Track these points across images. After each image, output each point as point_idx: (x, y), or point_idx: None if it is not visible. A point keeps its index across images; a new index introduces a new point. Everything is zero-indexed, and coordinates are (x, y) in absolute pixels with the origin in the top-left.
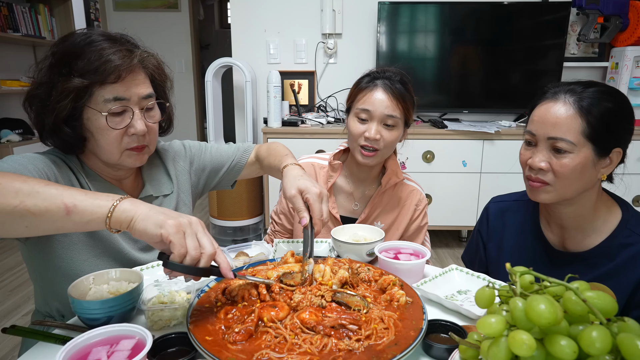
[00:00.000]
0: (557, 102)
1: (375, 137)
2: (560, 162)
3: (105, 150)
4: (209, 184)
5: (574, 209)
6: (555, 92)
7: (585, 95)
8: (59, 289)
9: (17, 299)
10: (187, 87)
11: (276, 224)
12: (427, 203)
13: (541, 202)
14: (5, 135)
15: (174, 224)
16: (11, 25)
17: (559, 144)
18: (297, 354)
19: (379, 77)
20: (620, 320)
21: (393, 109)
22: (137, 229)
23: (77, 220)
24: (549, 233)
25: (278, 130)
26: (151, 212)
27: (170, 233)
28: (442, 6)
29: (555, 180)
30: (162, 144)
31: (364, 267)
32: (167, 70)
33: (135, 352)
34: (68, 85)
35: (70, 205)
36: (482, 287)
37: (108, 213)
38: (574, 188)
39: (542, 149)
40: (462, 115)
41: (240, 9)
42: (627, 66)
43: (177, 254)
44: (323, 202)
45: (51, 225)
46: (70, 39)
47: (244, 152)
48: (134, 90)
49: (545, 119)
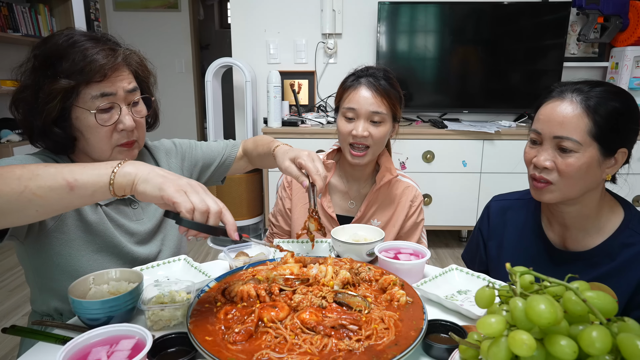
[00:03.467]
0: (563, 101)
1: (363, 135)
2: (565, 162)
3: (96, 148)
4: (201, 180)
5: (577, 208)
6: (562, 91)
7: (592, 95)
8: (58, 287)
9: (17, 299)
10: (187, 87)
11: (274, 225)
12: (422, 199)
13: (545, 202)
14: (5, 135)
15: (173, 185)
16: (11, 25)
17: (564, 143)
18: (297, 354)
19: (363, 75)
20: (620, 320)
21: (378, 105)
22: (139, 192)
23: (82, 194)
24: (550, 232)
25: (278, 130)
26: (151, 174)
27: (170, 194)
28: (442, 6)
29: (560, 179)
30: (152, 142)
31: (364, 266)
32: (150, 66)
33: (135, 352)
34: (55, 87)
35: (71, 180)
36: (482, 287)
37: (110, 180)
38: (578, 188)
39: (547, 148)
40: (462, 115)
41: (240, 9)
42: (627, 66)
43: (184, 210)
44: (315, 160)
45: (59, 204)
46: (51, 40)
47: (233, 147)
48: (119, 85)
49: (551, 118)
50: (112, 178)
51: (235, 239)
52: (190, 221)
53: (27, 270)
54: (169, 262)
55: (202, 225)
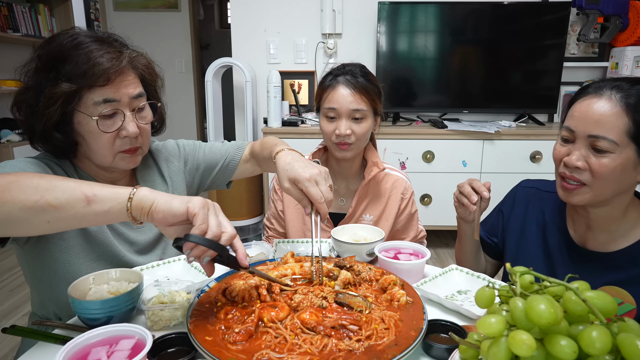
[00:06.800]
0: (601, 98)
1: (346, 133)
2: (599, 162)
3: (97, 154)
4: (203, 183)
5: (604, 210)
6: (599, 87)
7: (633, 92)
8: (56, 293)
9: (17, 299)
10: (187, 87)
11: (269, 228)
12: (413, 191)
13: (574, 204)
14: (5, 135)
15: (200, 200)
16: (11, 25)
17: (599, 143)
18: (297, 354)
19: (340, 74)
20: (620, 320)
21: (358, 102)
22: (161, 210)
23: (97, 210)
24: (571, 229)
25: (278, 130)
26: (172, 196)
27: (196, 206)
28: (442, 6)
29: (593, 180)
30: (156, 144)
31: (365, 266)
32: (157, 69)
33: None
34: (56, 91)
35: (90, 194)
36: (482, 287)
37: (128, 199)
38: (610, 190)
39: (580, 147)
40: (462, 115)
41: (240, 9)
42: (627, 66)
43: (197, 228)
44: (319, 184)
45: (73, 218)
46: (56, 40)
47: (237, 149)
48: (124, 91)
49: (587, 115)
50: (130, 196)
51: (245, 265)
52: (199, 236)
53: (26, 273)
54: (169, 262)
55: (211, 242)
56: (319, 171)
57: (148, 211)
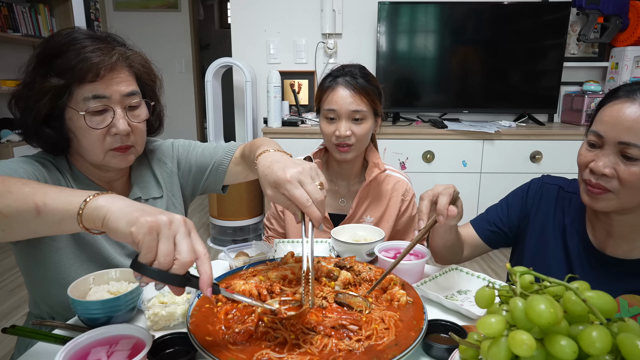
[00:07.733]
0: (634, 103)
1: (346, 134)
2: (629, 170)
3: (88, 151)
4: (197, 187)
5: (628, 218)
6: (632, 90)
7: None
8: (47, 293)
9: (17, 299)
10: (187, 87)
11: (268, 229)
12: (414, 193)
13: (599, 210)
14: (5, 135)
15: (148, 223)
16: (11, 25)
17: (630, 151)
18: (297, 354)
19: (340, 75)
20: (620, 320)
21: (358, 103)
22: (110, 228)
23: (48, 221)
24: (590, 235)
25: (278, 130)
26: (128, 209)
27: (140, 233)
28: (442, 6)
29: (621, 188)
30: (152, 144)
31: (365, 266)
32: (156, 69)
33: (135, 352)
34: (45, 85)
35: (40, 204)
36: (482, 287)
37: (79, 210)
38: (638, 199)
39: (608, 153)
40: (462, 115)
41: (240, 9)
42: (627, 66)
43: (143, 257)
44: (303, 184)
45: (25, 228)
46: (53, 38)
47: (226, 151)
48: (115, 88)
49: (618, 121)
50: (81, 207)
51: (206, 294)
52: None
53: (22, 271)
54: None
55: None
56: (302, 169)
57: (101, 224)
